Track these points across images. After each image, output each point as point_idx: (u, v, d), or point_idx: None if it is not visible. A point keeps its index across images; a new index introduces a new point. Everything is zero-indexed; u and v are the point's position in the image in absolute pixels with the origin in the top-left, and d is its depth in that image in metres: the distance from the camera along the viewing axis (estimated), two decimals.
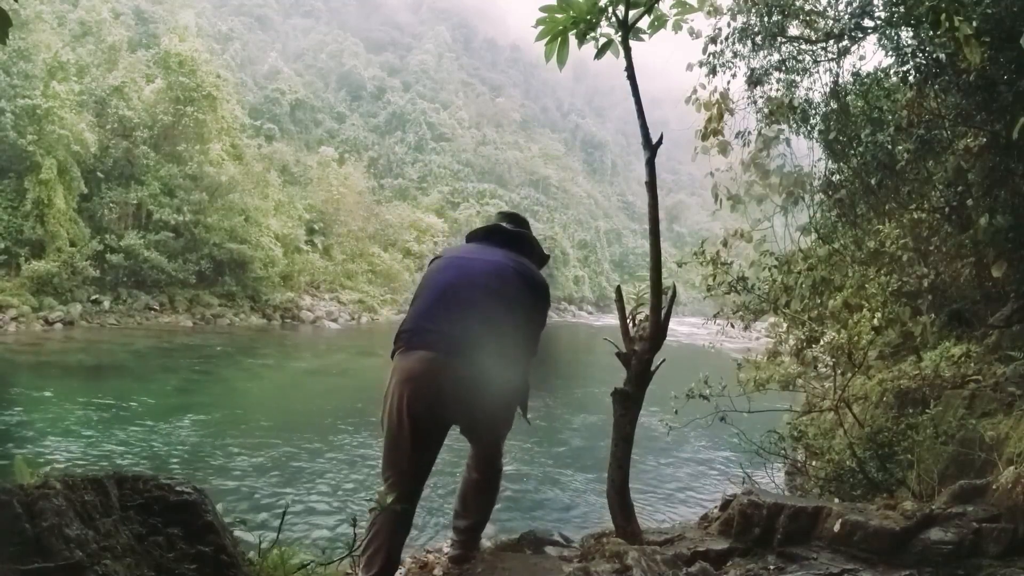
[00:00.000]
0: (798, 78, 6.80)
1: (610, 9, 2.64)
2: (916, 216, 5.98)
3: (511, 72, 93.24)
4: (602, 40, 2.70)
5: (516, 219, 2.85)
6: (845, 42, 6.42)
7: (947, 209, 5.74)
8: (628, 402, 2.56)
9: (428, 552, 2.60)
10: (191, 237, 27.59)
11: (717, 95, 7.29)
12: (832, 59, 6.65)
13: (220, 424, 10.45)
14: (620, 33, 2.65)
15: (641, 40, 2.71)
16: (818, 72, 6.77)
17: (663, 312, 2.60)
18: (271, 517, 6.28)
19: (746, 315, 6.91)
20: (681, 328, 20.97)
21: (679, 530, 2.84)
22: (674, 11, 2.75)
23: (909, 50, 5.59)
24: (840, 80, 6.65)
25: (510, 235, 2.72)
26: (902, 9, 5.31)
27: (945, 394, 4.61)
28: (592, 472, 8.37)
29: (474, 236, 2.81)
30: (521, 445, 9.30)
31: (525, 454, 9.20)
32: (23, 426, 9.62)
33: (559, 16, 2.64)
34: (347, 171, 42.67)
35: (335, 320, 32.11)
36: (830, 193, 7.09)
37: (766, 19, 6.43)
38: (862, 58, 12.40)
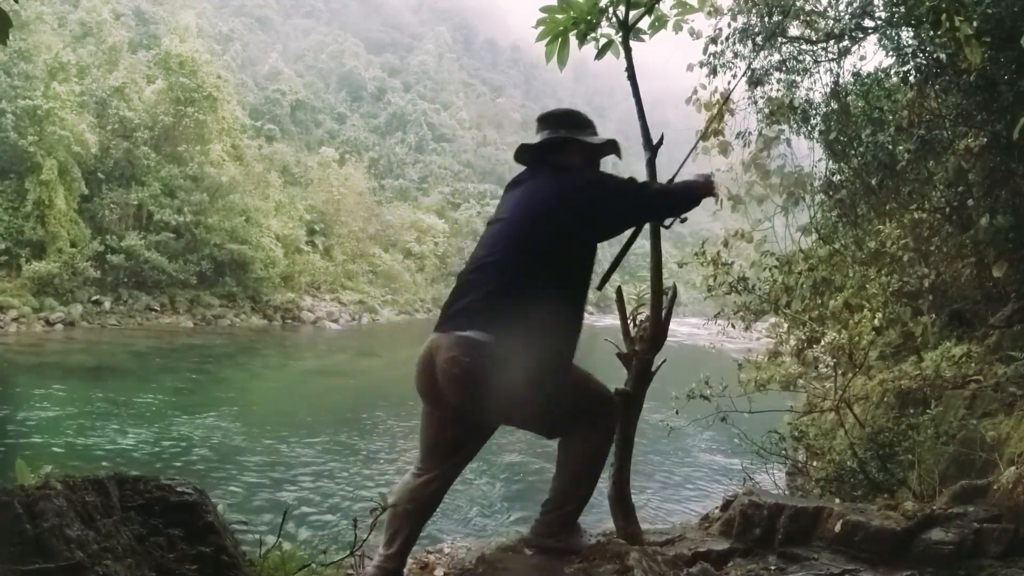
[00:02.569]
0: (799, 78, 6.81)
1: (610, 9, 2.64)
2: (917, 216, 5.98)
3: (512, 73, 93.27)
4: (602, 40, 2.70)
5: (551, 120, 2.34)
6: (845, 42, 6.42)
7: (948, 209, 5.73)
8: (628, 403, 2.56)
9: (429, 552, 2.59)
10: (192, 238, 27.60)
11: (718, 95, 7.30)
12: (832, 59, 6.66)
13: (221, 425, 10.45)
14: (620, 33, 2.64)
15: (642, 41, 2.71)
16: (819, 72, 6.78)
17: (664, 312, 2.59)
18: (273, 517, 6.28)
19: (747, 315, 6.91)
20: (682, 328, 20.96)
21: (680, 531, 2.84)
22: (674, 11, 2.75)
23: (909, 50, 5.60)
24: (841, 80, 6.66)
25: (538, 159, 2.31)
26: (902, 9, 5.31)
27: (946, 394, 4.61)
28: None
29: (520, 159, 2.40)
30: (521, 441, 9.29)
31: (526, 453, 9.19)
32: (24, 426, 9.62)
33: (559, 16, 2.64)
34: (348, 172, 42.68)
35: (336, 321, 32.10)
36: (831, 193, 7.09)
37: (766, 19, 6.44)
38: (862, 58, 12.39)
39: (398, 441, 9.96)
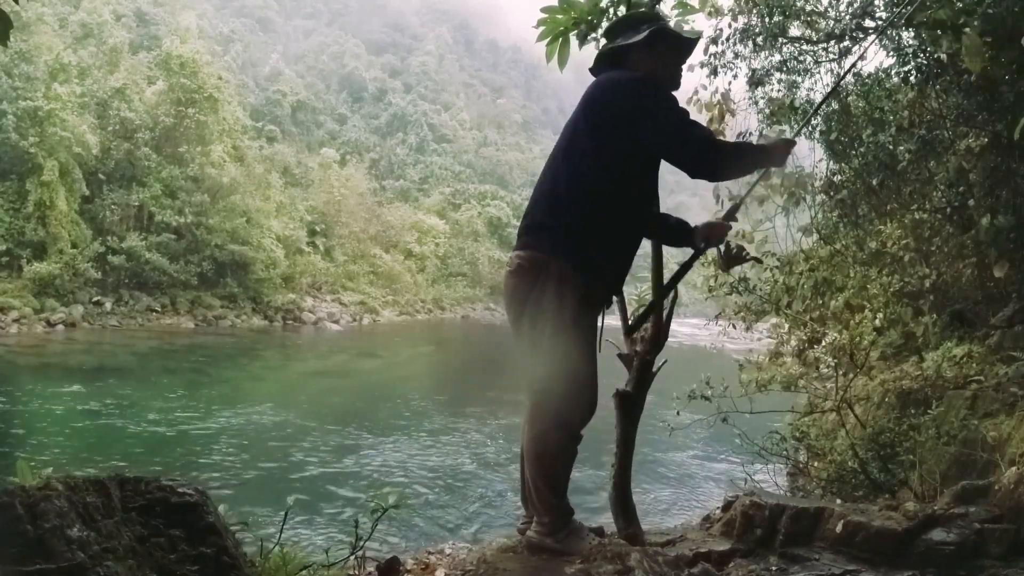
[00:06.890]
0: (799, 79, 6.80)
1: (611, 10, 2.65)
2: (918, 216, 5.97)
3: (512, 73, 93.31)
4: (603, 41, 2.70)
5: (611, 33, 2.34)
6: (846, 43, 6.41)
7: (949, 209, 5.73)
8: (629, 403, 2.56)
9: (430, 553, 2.59)
10: (193, 239, 27.61)
11: (719, 96, 7.29)
12: (833, 60, 6.65)
13: (222, 425, 10.45)
14: None
15: None
16: (819, 73, 6.77)
17: (665, 313, 2.59)
18: (274, 517, 6.27)
19: (748, 316, 6.91)
20: (683, 329, 20.94)
21: (681, 531, 2.84)
22: (675, 12, 2.76)
23: (910, 51, 5.59)
24: (841, 80, 6.65)
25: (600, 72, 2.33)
26: (908, 10, 5.30)
27: (947, 395, 4.60)
28: (593, 473, 8.36)
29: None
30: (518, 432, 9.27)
31: None
32: (24, 427, 9.62)
33: (560, 17, 2.64)
34: (348, 172, 42.73)
35: (336, 321, 32.09)
36: (832, 194, 7.08)
37: (767, 20, 6.43)
38: (863, 58, 12.38)
39: (400, 441, 9.96)
